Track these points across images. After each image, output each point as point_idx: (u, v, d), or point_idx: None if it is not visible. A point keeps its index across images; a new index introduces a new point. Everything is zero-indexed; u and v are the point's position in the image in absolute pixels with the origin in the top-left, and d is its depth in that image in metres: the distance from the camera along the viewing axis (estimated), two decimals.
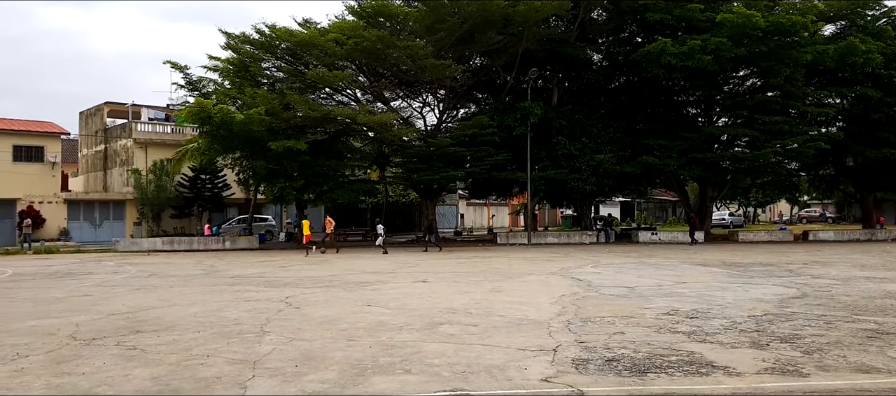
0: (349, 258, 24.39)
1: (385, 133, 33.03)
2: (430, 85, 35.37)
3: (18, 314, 10.67)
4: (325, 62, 30.86)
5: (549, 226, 57.10)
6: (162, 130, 44.93)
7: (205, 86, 33.97)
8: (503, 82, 36.70)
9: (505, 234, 38.42)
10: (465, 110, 39.65)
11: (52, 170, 40.23)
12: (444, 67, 31.11)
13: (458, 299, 11.94)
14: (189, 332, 8.74)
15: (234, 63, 32.63)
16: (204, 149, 33.11)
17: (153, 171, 40.38)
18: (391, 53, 30.92)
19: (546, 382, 6.17)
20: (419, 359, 7.00)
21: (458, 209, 57.62)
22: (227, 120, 28.60)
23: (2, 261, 24.33)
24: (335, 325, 9.19)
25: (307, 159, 30.45)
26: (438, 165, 33.08)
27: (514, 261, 21.80)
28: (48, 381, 6.17)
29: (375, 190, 40.48)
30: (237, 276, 17.37)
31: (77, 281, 16.36)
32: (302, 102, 29.92)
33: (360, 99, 35.60)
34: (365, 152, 37.58)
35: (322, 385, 5.96)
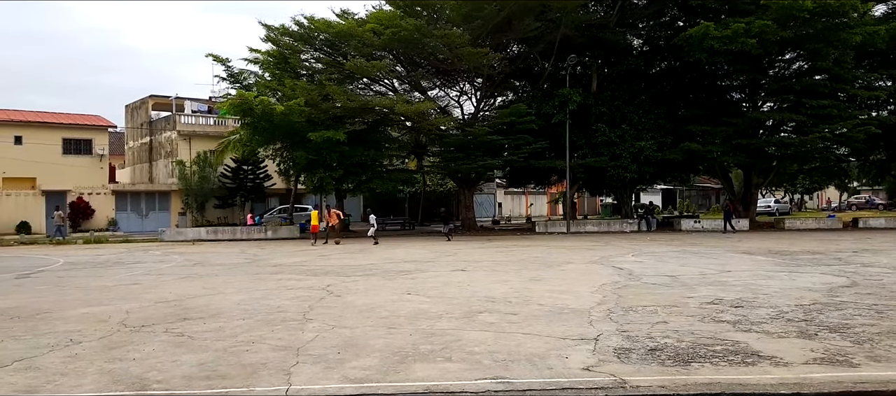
0: (388, 247, 24.57)
1: (422, 122, 33.09)
2: (467, 73, 35.26)
3: (71, 301, 11.05)
4: (363, 52, 31.03)
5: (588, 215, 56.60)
6: (205, 122, 45.88)
7: (246, 79, 34.49)
8: (541, 69, 36.39)
9: (543, 223, 38.21)
10: (503, 98, 39.46)
11: (100, 162, 41.45)
12: (482, 55, 30.98)
13: (497, 288, 11.94)
14: (234, 319, 8.93)
15: (273, 55, 33.04)
16: (246, 141, 33.69)
17: (197, 163, 41.29)
18: (428, 42, 30.91)
19: (587, 371, 6.14)
20: (459, 347, 7.03)
21: (495, 198, 57.52)
22: (267, 111, 29.03)
23: (54, 251, 25.21)
24: (375, 313, 9.28)
25: (346, 149, 30.72)
26: (476, 154, 33.03)
27: (553, 250, 21.68)
28: (101, 367, 6.38)
29: (413, 179, 40.67)
30: (279, 265, 17.67)
31: (126, 270, 16.86)
32: (340, 93, 30.16)
33: (398, 88, 35.72)
34: (402, 142, 37.73)
35: (364, 372, 6.04)
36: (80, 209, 39.25)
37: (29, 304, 10.73)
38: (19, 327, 8.60)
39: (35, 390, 5.58)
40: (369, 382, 5.72)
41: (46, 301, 11.13)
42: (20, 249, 27.01)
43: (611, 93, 35.24)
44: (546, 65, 35.42)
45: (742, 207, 38.10)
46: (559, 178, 40.35)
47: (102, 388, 5.61)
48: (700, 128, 34.15)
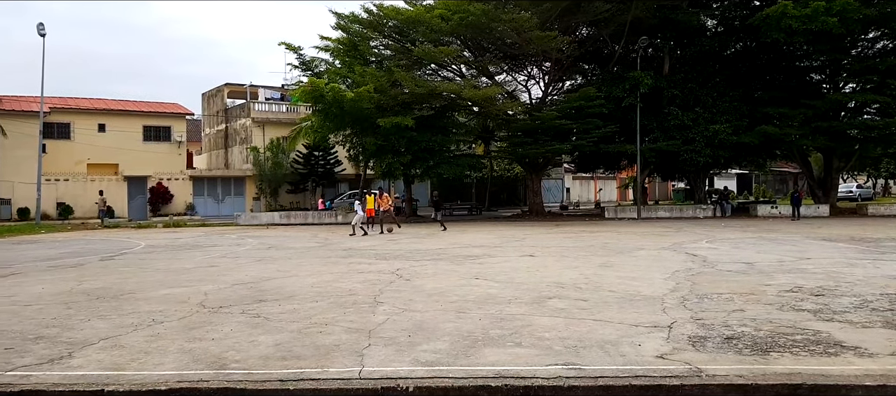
0: (455, 232, 24.64)
1: (489, 107, 32.93)
2: (535, 57, 34.84)
3: (152, 283, 11.55)
4: (431, 38, 31.08)
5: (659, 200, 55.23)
6: (278, 109, 47.11)
7: (317, 66, 35.16)
8: (611, 52, 35.56)
9: (613, 208, 37.50)
10: (571, 82, 38.83)
11: (178, 148, 43.20)
12: (550, 39, 30.53)
13: (566, 273, 11.78)
14: (308, 302, 9.13)
15: (344, 42, 33.53)
16: (317, 127, 34.40)
17: (270, 149, 42.49)
18: (496, 27, 30.68)
19: (661, 359, 5.96)
20: (529, 333, 6.96)
21: (563, 183, 56.83)
22: (338, 98, 29.52)
23: (136, 234, 26.47)
24: (445, 297, 9.31)
25: (414, 135, 30.94)
26: (544, 139, 32.68)
27: (623, 236, 21.24)
28: (181, 346, 6.63)
29: (480, 164, 40.62)
30: (349, 249, 17.98)
31: (203, 253, 17.51)
32: (408, 79, 30.34)
33: (465, 74, 35.65)
34: (470, 127, 37.69)
35: (435, 355, 6.06)
36: (160, 194, 41.05)
37: (113, 285, 11.28)
38: (105, 307, 9.04)
39: (121, 367, 5.85)
40: (440, 365, 5.72)
41: (129, 282, 11.67)
42: (104, 232, 28.48)
43: (683, 76, 34.12)
44: (616, 47, 34.59)
45: (822, 192, 36.35)
46: (629, 163, 39.49)
47: (183, 367, 5.82)
48: (777, 110, 32.73)
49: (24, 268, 14.29)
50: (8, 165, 37.17)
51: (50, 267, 14.59)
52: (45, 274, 13.24)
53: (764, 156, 40.36)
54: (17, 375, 5.61)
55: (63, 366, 5.88)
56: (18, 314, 8.53)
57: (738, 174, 60.61)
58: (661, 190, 62.08)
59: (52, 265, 14.98)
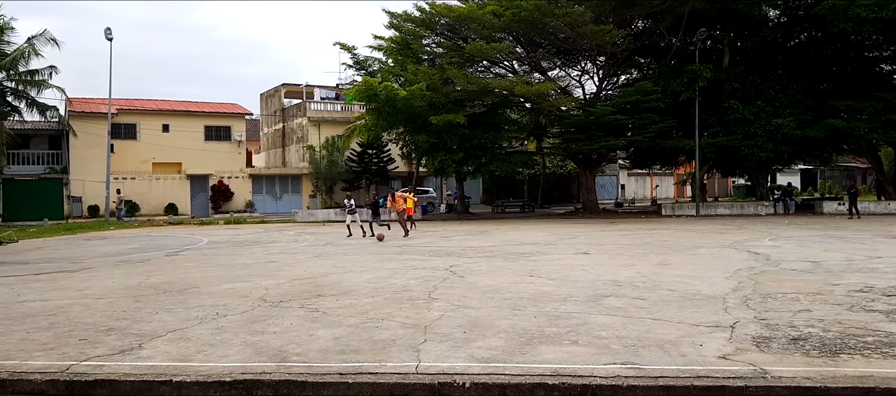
0: (508, 229, 24.55)
1: (542, 103, 32.67)
2: (589, 52, 34.39)
3: (215, 278, 11.91)
4: (483, 35, 31.03)
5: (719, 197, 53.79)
6: (332, 108, 47.86)
7: (370, 65, 35.56)
8: (668, 45, 34.80)
9: (670, 205, 36.71)
10: (627, 76, 38.16)
11: (238, 147, 44.35)
12: (605, 33, 30.07)
13: (622, 271, 11.60)
14: (364, 297, 9.26)
15: (396, 41, 33.80)
16: (371, 125, 34.79)
17: (325, 147, 43.21)
18: (549, 22, 30.39)
19: (724, 359, 5.81)
20: (586, 331, 6.89)
21: (618, 179, 55.91)
22: (391, 96, 29.81)
23: (198, 231, 27.31)
24: (499, 294, 9.30)
25: (466, 132, 30.96)
26: (598, 134, 32.23)
27: (681, 234, 20.77)
28: (244, 339, 6.82)
29: (533, 161, 40.35)
30: (403, 245, 18.14)
31: (263, 249, 17.96)
32: (460, 76, 30.37)
33: (517, 70, 35.47)
34: (522, 123, 37.49)
35: (490, 352, 6.06)
36: (221, 191, 42.28)
37: (179, 280, 11.68)
38: (171, 300, 9.37)
39: (187, 358, 6.06)
40: (496, 362, 5.73)
41: (194, 277, 12.07)
42: (168, 229, 29.49)
43: (745, 68, 33.12)
44: (673, 40, 33.83)
45: (893, 188, 34.71)
46: (687, 159, 38.60)
47: (247, 359, 5.99)
48: (845, 103, 31.46)
49: (95, 263, 14.94)
50: (79, 164, 38.90)
51: (119, 262, 15.21)
52: (114, 268, 13.82)
53: (830, 151, 38.82)
54: (92, 365, 5.87)
55: (133, 357, 6.13)
56: (91, 307, 8.93)
57: (802, 170, 58.46)
58: (721, 186, 60.42)
59: (121, 260, 15.61)
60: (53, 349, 6.49)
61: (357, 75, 36.27)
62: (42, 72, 36.56)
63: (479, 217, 35.67)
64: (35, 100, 36.36)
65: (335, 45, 39.23)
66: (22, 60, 35.70)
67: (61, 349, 6.48)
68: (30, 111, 36.82)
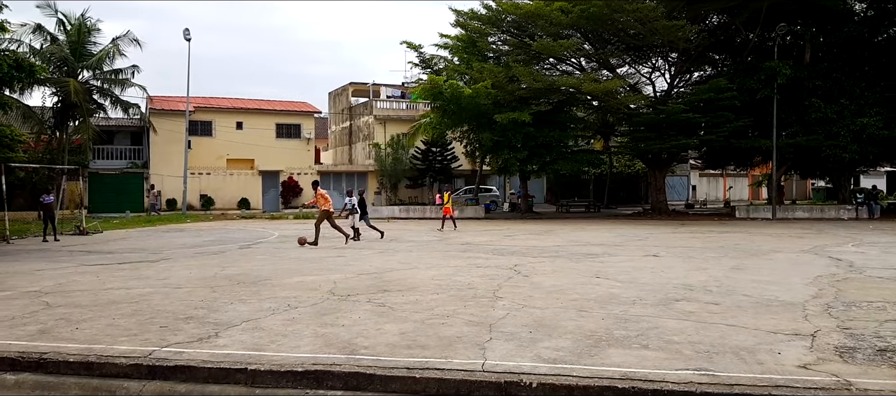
0: (573, 229, 24.25)
1: (610, 101, 32.09)
2: (660, 48, 33.56)
3: (286, 270, 12.22)
4: (550, 32, 30.71)
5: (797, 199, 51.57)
6: (398, 107, 48.42)
7: (436, 64, 35.77)
8: (744, 40, 33.58)
9: (744, 208, 35.44)
10: (700, 73, 37.03)
11: (307, 144, 45.47)
12: (677, 29, 29.27)
13: (694, 275, 11.26)
14: (429, 294, 9.32)
15: (462, 39, 33.87)
16: (435, 124, 35.00)
17: (391, 145, 43.76)
18: (619, 18, 29.82)
19: (805, 369, 5.56)
20: (657, 335, 6.72)
21: (689, 180, 54.40)
22: (456, 94, 29.90)
23: (269, 225, 28.12)
24: (565, 295, 9.18)
25: (531, 130, 30.74)
26: (669, 133, 31.41)
27: (756, 237, 20.01)
28: (315, 331, 6.97)
29: (599, 160, 39.72)
30: (467, 243, 18.16)
31: (330, 244, 18.31)
32: (526, 74, 30.18)
33: (585, 67, 34.95)
34: (589, 122, 36.94)
35: (557, 353, 5.99)
36: (291, 187, 43.45)
37: (252, 272, 12.05)
38: (245, 291, 9.68)
39: (261, 348, 6.24)
40: (563, 363, 5.65)
41: (266, 269, 12.43)
42: (241, 223, 30.47)
43: (827, 65, 31.60)
44: (750, 35, 32.61)
45: None
46: (763, 159, 37.16)
47: (317, 350, 6.13)
48: None
49: (174, 254, 15.60)
50: (159, 160, 40.71)
51: (195, 253, 15.83)
52: (191, 259, 14.39)
53: None
54: (172, 351, 6.13)
55: (211, 345, 6.36)
56: (170, 296, 9.33)
57: (888, 172, 55.38)
58: (799, 188, 57.93)
59: (198, 251, 16.24)
60: (136, 335, 6.80)
61: (423, 74, 36.56)
62: (125, 72, 38.48)
63: (542, 216, 35.36)
64: (119, 98, 38.30)
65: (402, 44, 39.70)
66: (107, 60, 37.63)
67: (144, 335, 6.79)
68: (114, 108, 38.87)
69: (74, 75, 36.28)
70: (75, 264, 13.74)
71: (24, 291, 9.91)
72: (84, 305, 8.59)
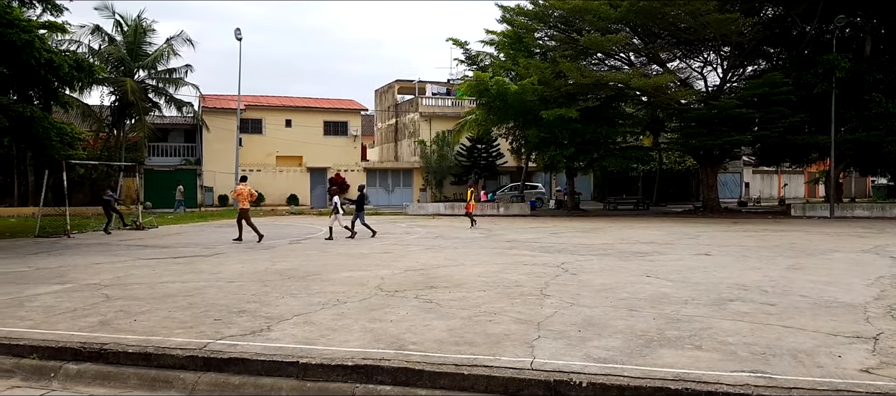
0: (621, 227, 23.89)
1: (660, 96, 31.49)
2: (712, 42, 32.75)
3: (334, 266, 12.38)
4: (598, 27, 30.30)
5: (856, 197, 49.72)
6: (443, 104, 48.51)
7: (482, 60, 35.69)
8: (801, 33, 32.52)
9: (800, 206, 34.32)
10: (754, 67, 35.99)
11: (354, 142, 45.95)
12: (730, 22, 28.51)
13: (748, 275, 10.96)
14: (475, 290, 9.31)
15: (508, 35, 33.70)
16: (481, 120, 34.95)
17: (436, 142, 43.89)
18: (669, 12, 29.21)
19: (867, 373, 5.35)
20: (710, 336, 6.56)
21: (741, 177, 53.01)
22: (502, 91, 29.77)
23: (317, 221, 28.52)
24: (614, 294, 9.05)
25: (578, 126, 30.39)
26: (721, 129, 30.62)
27: (813, 236, 19.36)
28: (364, 326, 7.04)
29: (648, 157, 39.02)
30: (513, 240, 18.08)
31: (377, 240, 18.49)
32: (573, 69, 29.84)
33: (634, 62, 34.38)
34: (637, 117, 36.32)
35: (607, 352, 5.91)
36: (338, 184, 43.94)
37: (301, 266, 12.25)
38: (295, 286, 9.84)
39: (312, 342, 6.33)
40: (614, 363, 5.57)
41: (315, 264, 12.61)
42: (290, 218, 30.99)
43: (889, 58, 30.35)
44: (807, 28, 31.56)
45: None
46: (820, 156, 35.93)
47: (367, 345, 6.18)
48: None
49: (226, 249, 15.98)
50: (211, 156, 41.74)
51: (246, 248, 16.18)
52: (242, 254, 14.71)
53: None
54: (226, 343, 6.28)
55: (263, 338, 6.49)
56: (223, 289, 9.55)
57: None
58: (859, 186, 55.84)
59: (248, 247, 16.59)
60: (191, 327, 6.99)
61: (468, 70, 36.54)
62: (179, 71, 39.59)
63: (589, 213, 34.95)
64: (173, 96, 39.43)
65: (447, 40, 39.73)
66: (162, 60, 38.75)
67: (198, 327, 6.97)
68: (168, 107, 40.06)
69: (131, 75, 37.48)
70: (132, 258, 14.20)
71: (85, 284, 10.28)
72: (141, 298, 8.86)
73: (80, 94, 34.48)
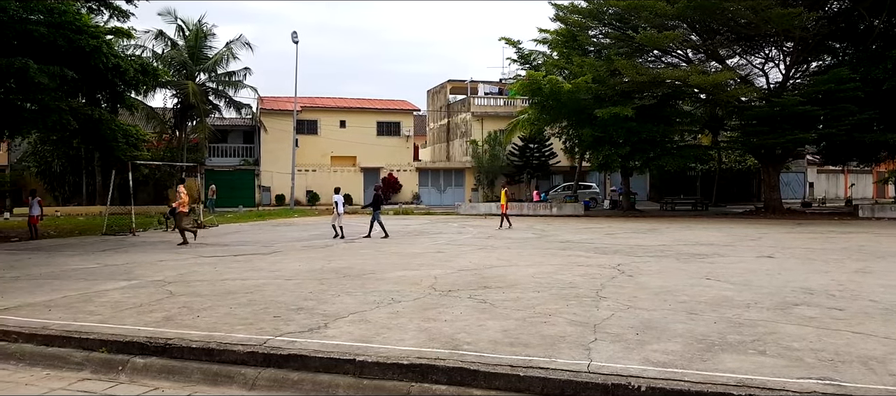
0: (678, 228, 23.36)
1: (719, 94, 30.61)
2: (773, 38, 31.67)
3: (388, 265, 12.50)
4: (655, 23, 29.67)
5: None
6: (495, 103, 48.39)
7: (534, 59, 35.43)
8: (868, 27, 31.12)
9: (868, 206, 32.89)
10: (818, 63, 34.63)
11: (406, 142, 46.30)
12: (793, 16, 27.51)
13: (813, 278, 10.57)
14: (529, 291, 9.25)
15: (562, 34, 33.36)
16: (533, 120, 34.69)
17: (488, 142, 43.80)
18: (728, 7, 28.38)
19: None
20: (774, 341, 6.35)
21: (805, 177, 51.13)
22: (555, 90, 29.49)
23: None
24: (673, 297, 8.85)
25: (633, 125, 29.85)
26: (784, 127, 29.56)
27: (883, 238, 18.52)
28: (418, 325, 7.08)
29: (707, 156, 38.00)
30: (566, 241, 17.89)
31: (430, 240, 18.57)
32: (629, 67, 29.30)
33: (692, 59, 33.56)
34: (695, 116, 35.44)
35: (667, 357, 5.78)
36: (391, 184, 44.39)
37: (356, 265, 12.41)
38: (351, 284, 9.97)
39: (368, 340, 6.41)
40: (673, 367, 5.44)
41: (369, 263, 12.76)
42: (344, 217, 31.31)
43: None
44: (875, 22, 30.20)
45: None
46: (890, 155, 34.34)
47: (422, 344, 6.22)
48: None
49: (283, 247, 16.32)
50: (268, 157, 42.71)
51: (303, 247, 16.49)
52: (300, 252, 15.00)
53: None
54: (285, 340, 6.41)
55: (320, 335, 6.60)
56: (282, 287, 9.76)
57: None
58: None
59: (305, 245, 16.92)
60: (252, 324, 7.16)
61: (521, 69, 36.32)
62: (238, 74, 40.65)
63: (645, 214, 34.29)
64: (232, 98, 40.52)
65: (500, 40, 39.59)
66: (221, 63, 39.87)
67: (258, 324, 7.14)
68: (228, 109, 41.17)
69: (192, 78, 38.68)
70: (194, 255, 14.65)
71: (150, 280, 10.66)
72: (204, 294, 9.14)
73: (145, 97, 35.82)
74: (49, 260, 13.96)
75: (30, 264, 13.18)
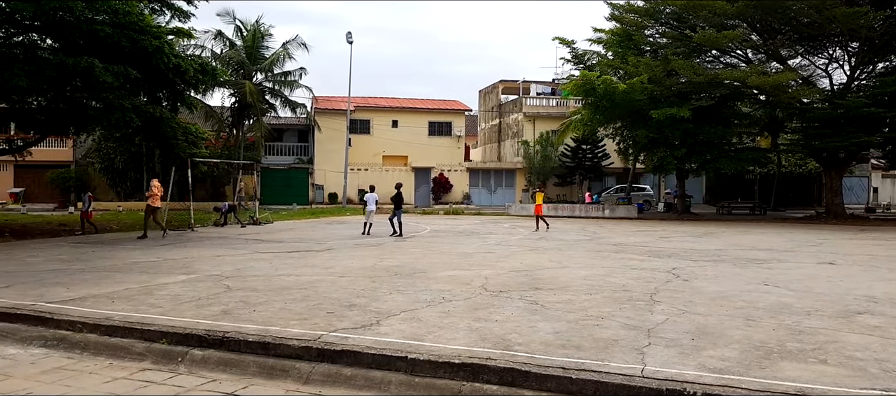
0: (736, 233, 22.76)
1: (779, 95, 29.67)
2: (838, 37, 30.51)
3: (439, 264, 12.57)
4: (713, 22, 28.97)
5: None
6: (547, 103, 48.08)
7: (589, 59, 35.02)
8: None
9: None
10: (885, 64, 33.16)
11: (457, 142, 46.40)
12: (858, 15, 26.45)
13: (878, 286, 10.16)
14: (581, 294, 9.18)
15: (617, 33, 32.90)
16: (586, 120, 34.30)
17: (539, 142, 43.53)
18: (791, 5, 27.51)
19: None
20: (836, 350, 6.15)
21: (869, 181, 49.07)
22: (609, 90, 29.09)
23: (422, 220, 29.04)
24: (729, 302, 8.65)
25: (690, 127, 29.21)
26: (847, 130, 28.48)
27: None
28: (469, 324, 7.12)
29: (766, 159, 36.90)
30: (620, 244, 17.65)
31: (480, 240, 18.59)
32: (686, 67, 28.68)
33: (751, 59, 32.61)
34: (754, 117, 34.45)
35: (723, 363, 5.66)
36: (441, 184, 44.58)
37: (407, 264, 12.52)
38: (402, 283, 10.08)
39: (420, 338, 6.48)
40: (730, 374, 5.33)
41: (420, 262, 12.86)
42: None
43: None
44: None
45: None
46: None
47: (472, 343, 6.25)
48: None
49: (336, 245, 16.60)
50: (322, 156, 43.45)
51: (355, 244, 16.74)
52: (352, 250, 15.24)
53: None
54: (338, 336, 6.53)
55: (373, 332, 6.70)
56: (335, 284, 9.94)
57: None
58: None
59: (357, 243, 17.17)
60: (306, 319, 7.32)
61: (574, 69, 35.94)
62: (293, 74, 41.45)
63: (701, 217, 33.51)
64: (288, 98, 41.35)
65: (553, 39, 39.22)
66: (278, 63, 40.74)
67: (312, 319, 7.30)
68: (283, 108, 42.03)
69: (249, 77, 39.65)
70: (250, 251, 15.04)
71: (208, 274, 11.00)
72: (259, 289, 9.38)
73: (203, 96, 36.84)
74: (112, 253, 14.54)
75: (94, 257, 13.75)
